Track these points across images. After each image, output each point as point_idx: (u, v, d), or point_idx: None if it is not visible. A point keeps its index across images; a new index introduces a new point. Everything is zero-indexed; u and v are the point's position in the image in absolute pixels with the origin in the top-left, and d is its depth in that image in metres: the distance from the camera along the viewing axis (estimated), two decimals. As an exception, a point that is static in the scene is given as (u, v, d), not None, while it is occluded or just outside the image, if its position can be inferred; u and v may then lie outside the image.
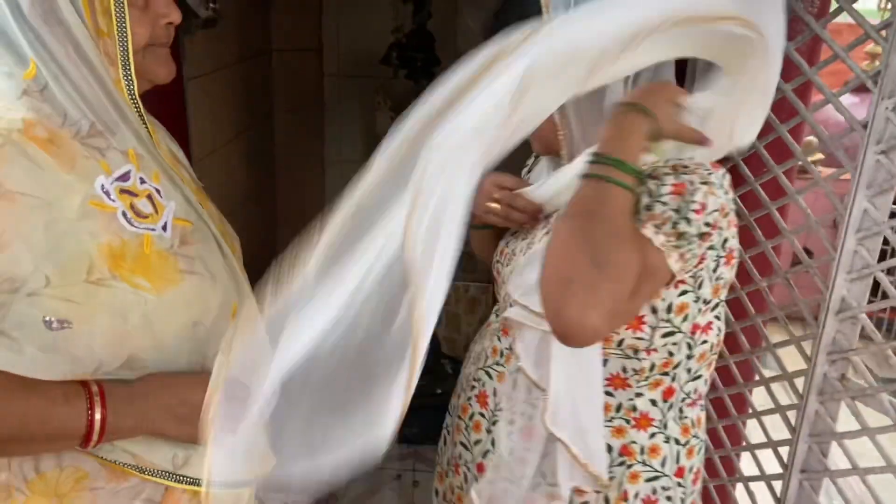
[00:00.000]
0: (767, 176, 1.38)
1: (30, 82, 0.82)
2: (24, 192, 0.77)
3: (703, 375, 1.10)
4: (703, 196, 0.94)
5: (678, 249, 0.93)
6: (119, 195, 0.86)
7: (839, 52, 1.20)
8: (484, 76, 0.79)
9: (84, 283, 0.82)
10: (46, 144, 0.80)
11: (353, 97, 3.26)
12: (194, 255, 0.92)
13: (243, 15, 2.65)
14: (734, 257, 1.02)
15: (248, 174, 2.85)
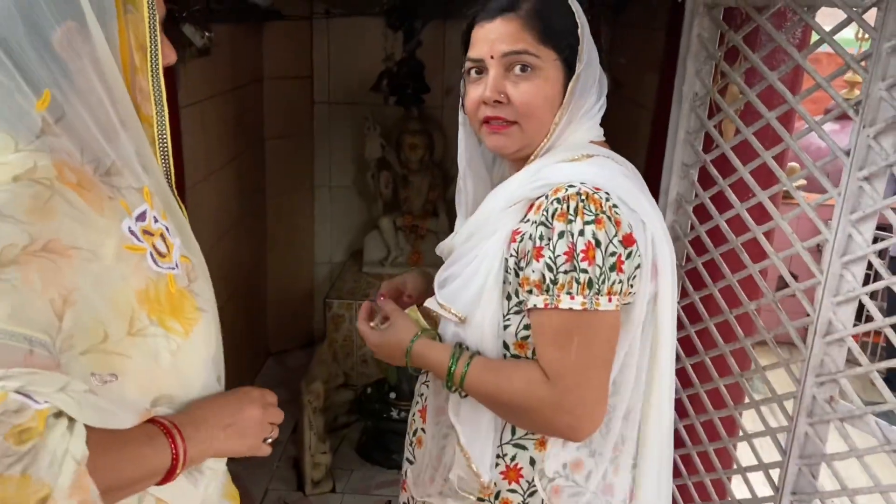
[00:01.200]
0: (753, 201, 1.41)
1: (44, 113, 0.80)
2: (77, 247, 0.77)
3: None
4: (590, 237, 0.95)
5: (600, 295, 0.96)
6: (143, 235, 0.86)
7: (822, 82, 1.24)
8: None
9: (127, 336, 0.82)
10: (78, 189, 0.79)
11: (343, 124, 3.29)
12: (199, 292, 0.93)
13: (236, 44, 2.68)
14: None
15: (239, 199, 2.86)
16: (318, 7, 3.12)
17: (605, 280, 0.96)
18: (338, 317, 3.03)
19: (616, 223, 0.97)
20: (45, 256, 0.74)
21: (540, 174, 1.04)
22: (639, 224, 1.00)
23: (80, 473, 0.71)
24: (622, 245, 0.97)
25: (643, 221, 1.00)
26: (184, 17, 1.89)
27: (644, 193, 1.07)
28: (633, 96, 2.39)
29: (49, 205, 0.75)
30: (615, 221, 0.97)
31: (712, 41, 1.51)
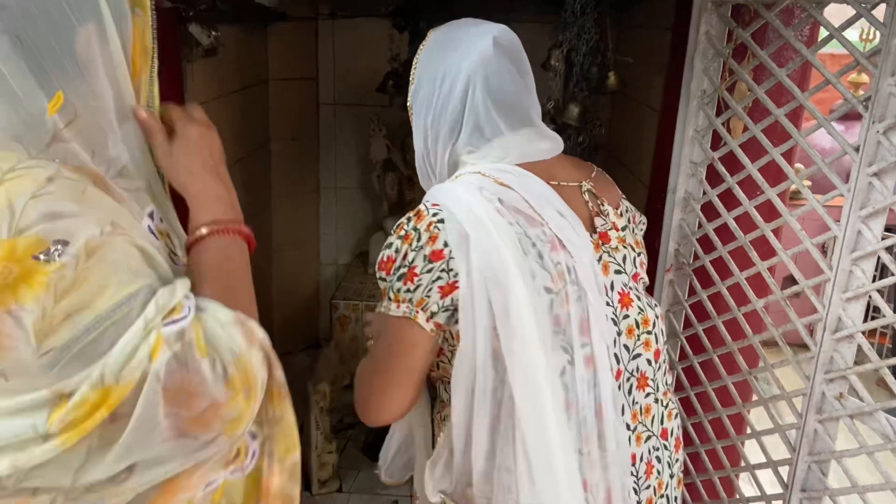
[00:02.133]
0: (762, 198, 1.40)
1: (56, 117, 0.77)
2: (128, 226, 0.77)
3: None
4: (393, 251, 1.05)
5: (391, 301, 1.05)
6: (160, 235, 0.87)
7: (831, 78, 1.24)
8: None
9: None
10: (97, 185, 0.78)
11: (348, 125, 3.30)
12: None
13: (242, 45, 2.69)
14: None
15: (244, 200, 2.84)
16: (323, 8, 3.13)
17: (393, 288, 1.05)
18: (344, 318, 3.03)
19: (431, 239, 1.02)
20: (118, 234, 0.75)
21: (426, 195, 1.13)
22: (462, 241, 1.01)
23: (240, 326, 0.79)
24: (427, 259, 1.02)
25: (468, 236, 1.01)
26: (190, 16, 1.90)
27: (500, 216, 1.04)
28: (640, 96, 2.39)
29: (87, 194, 0.75)
30: (431, 237, 1.03)
31: (720, 38, 1.51)
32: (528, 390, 1.00)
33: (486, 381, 1.03)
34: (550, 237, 1.05)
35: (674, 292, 1.71)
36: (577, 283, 1.06)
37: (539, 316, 1.02)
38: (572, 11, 2.05)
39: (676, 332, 1.71)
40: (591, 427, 1.05)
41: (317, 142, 3.33)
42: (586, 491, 1.05)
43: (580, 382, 1.04)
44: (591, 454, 1.05)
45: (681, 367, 1.70)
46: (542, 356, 1.01)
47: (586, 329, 1.05)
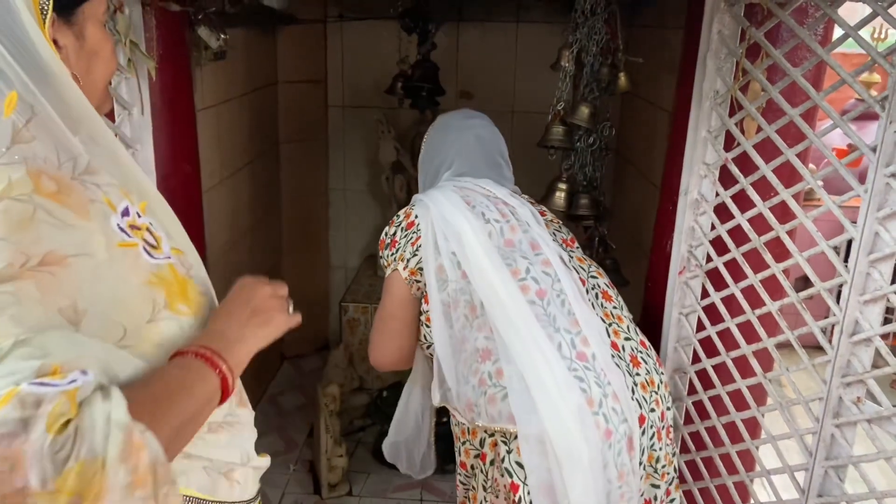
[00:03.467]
0: (776, 199, 1.39)
1: (13, 117, 0.76)
2: (72, 254, 0.75)
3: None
4: (383, 235, 1.58)
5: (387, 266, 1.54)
6: (132, 231, 0.85)
7: (846, 77, 1.22)
8: None
9: (146, 324, 0.82)
10: (58, 196, 0.77)
11: (357, 127, 3.29)
12: (197, 280, 0.94)
13: (251, 48, 2.69)
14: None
15: (254, 203, 2.86)
16: (332, 11, 3.13)
17: (384, 258, 1.55)
18: (353, 321, 3.02)
19: (406, 215, 1.55)
20: (44, 270, 0.72)
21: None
22: (425, 210, 1.50)
23: (128, 436, 0.66)
24: (403, 229, 1.53)
25: (429, 206, 1.50)
26: (199, 19, 1.90)
27: (453, 192, 1.53)
28: (651, 97, 2.37)
29: (35, 219, 0.73)
30: (406, 215, 1.56)
31: (733, 38, 1.50)
32: (487, 289, 1.39)
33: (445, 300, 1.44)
34: (493, 199, 1.55)
35: (687, 295, 1.69)
36: (519, 218, 1.52)
37: (493, 240, 1.46)
38: (582, 12, 2.04)
39: (689, 336, 1.70)
40: (564, 308, 1.41)
41: (326, 144, 3.32)
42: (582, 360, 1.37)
43: (542, 277, 1.43)
44: (571, 330, 1.39)
45: (694, 370, 1.68)
46: (490, 264, 1.40)
47: (537, 246, 1.49)
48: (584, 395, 1.32)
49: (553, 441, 1.27)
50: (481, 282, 1.40)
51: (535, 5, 2.97)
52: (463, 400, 1.40)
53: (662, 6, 2.27)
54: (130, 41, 1.47)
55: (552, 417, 1.28)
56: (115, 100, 1.51)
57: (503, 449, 1.35)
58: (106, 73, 0.93)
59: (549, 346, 1.35)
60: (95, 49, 0.89)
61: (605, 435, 1.31)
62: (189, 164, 1.88)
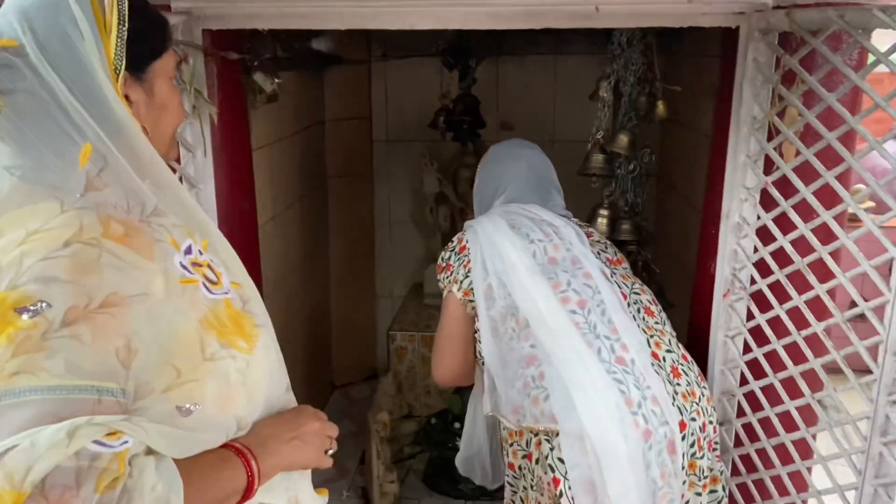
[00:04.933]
0: (817, 221, 1.41)
1: (88, 167, 0.85)
2: (132, 294, 0.81)
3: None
4: (440, 261, 1.74)
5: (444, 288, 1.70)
6: (194, 268, 0.91)
7: (880, 101, 1.25)
8: None
9: (203, 362, 0.87)
10: (125, 239, 0.83)
11: (401, 161, 3.39)
12: (255, 311, 1.00)
13: (300, 89, 2.82)
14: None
15: (303, 237, 2.97)
16: (375, 51, 3.25)
17: (441, 281, 1.70)
18: (401, 349, 3.08)
19: (459, 240, 1.71)
20: (104, 311, 0.78)
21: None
22: (475, 235, 1.65)
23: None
24: (456, 254, 1.68)
25: (477, 231, 1.65)
26: (255, 65, 2.01)
27: (500, 217, 1.69)
28: (690, 123, 2.41)
29: (100, 262, 0.79)
30: (458, 240, 1.71)
31: (768, 65, 1.54)
32: (529, 303, 1.52)
33: (494, 317, 1.56)
34: (538, 221, 1.68)
35: (732, 317, 1.71)
36: (562, 237, 1.65)
37: (537, 259, 1.59)
38: (619, 44, 2.10)
39: (736, 358, 1.71)
40: (604, 317, 1.51)
41: (371, 178, 3.43)
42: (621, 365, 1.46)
43: (583, 288, 1.55)
44: (610, 337, 1.49)
45: (742, 393, 1.69)
46: (531, 282, 1.53)
47: (578, 261, 1.61)
48: (622, 396, 1.41)
49: (592, 438, 1.36)
50: (523, 297, 1.53)
51: (573, 39, 3.04)
52: (509, 404, 1.49)
53: (699, 36, 2.32)
54: (195, 89, 1.58)
55: (590, 415, 1.37)
56: (181, 143, 1.62)
57: (546, 447, 1.43)
58: (173, 123, 1.01)
59: (588, 350, 1.46)
60: (164, 103, 0.96)
61: (645, 435, 1.39)
62: (247, 200, 1.99)
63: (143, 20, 0.91)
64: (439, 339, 1.71)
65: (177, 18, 1.54)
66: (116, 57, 0.87)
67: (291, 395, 1.07)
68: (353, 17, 1.62)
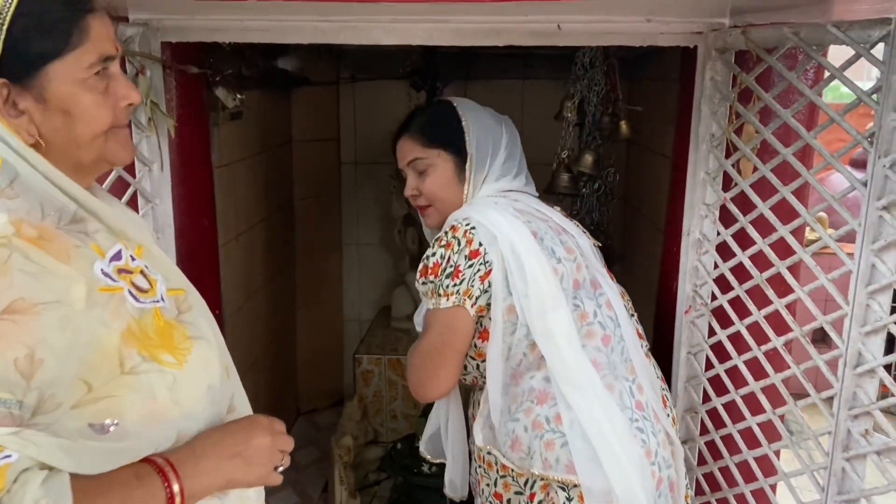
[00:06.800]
0: (775, 236, 1.42)
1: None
2: (42, 302, 0.77)
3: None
4: (438, 258, 1.43)
5: (440, 297, 1.41)
6: (118, 275, 0.87)
7: (835, 116, 1.26)
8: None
9: (120, 375, 0.82)
10: (39, 241, 0.80)
11: (369, 183, 3.38)
12: (191, 321, 0.94)
13: (266, 108, 2.80)
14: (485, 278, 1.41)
15: (269, 258, 2.92)
16: (344, 72, 3.25)
17: (442, 286, 1.40)
18: (367, 372, 3.04)
19: (468, 242, 1.41)
20: (6, 318, 0.74)
21: (450, 217, 1.52)
22: (492, 240, 1.40)
23: None
24: (466, 258, 1.40)
25: (496, 236, 1.40)
26: (217, 80, 1.99)
27: (515, 217, 1.44)
28: (652, 144, 2.43)
29: (7, 265, 0.76)
30: (467, 241, 1.41)
31: (725, 84, 1.56)
32: (547, 339, 1.35)
33: (507, 347, 1.39)
34: (555, 227, 1.50)
35: (694, 333, 1.71)
36: (584, 254, 1.49)
37: (563, 283, 1.40)
38: (582, 65, 2.12)
39: (698, 374, 1.71)
40: (623, 355, 1.42)
41: (339, 200, 3.41)
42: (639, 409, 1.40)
43: (607, 322, 1.43)
44: (629, 378, 1.41)
45: (704, 409, 1.68)
46: (554, 311, 1.36)
47: (597, 284, 1.47)
48: (643, 447, 1.36)
49: (618, 496, 1.30)
50: (542, 332, 1.36)
51: (539, 63, 3.08)
52: (508, 437, 1.37)
53: (660, 59, 2.35)
54: (151, 101, 1.55)
55: (617, 473, 1.30)
56: (136, 156, 1.58)
57: (562, 496, 1.35)
58: (88, 128, 0.89)
59: (609, 396, 1.36)
60: (65, 108, 0.87)
61: (657, 483, 1.37)
62: (207, 218, 1.95)
63: (32, 19, 0.84)
64: (437, 354, 1.43)
65: (134, 30, 1.52)
66: None
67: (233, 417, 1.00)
68: (315, 32, 1.61)
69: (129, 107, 0.94)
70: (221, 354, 0.99)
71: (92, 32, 0.88)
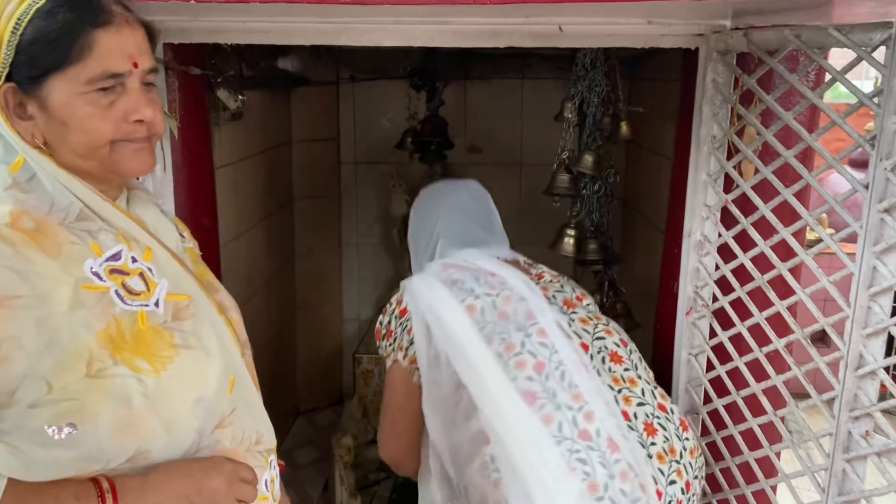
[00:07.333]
0: (776, 238, 1.42)
1: (16, 174, 0.86)
2: (18, 295, 0.78)
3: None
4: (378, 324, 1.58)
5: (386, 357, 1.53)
6: (109, 275, 0.87)
7: (836, 119, 1.27)
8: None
9: (85, 378, 0.82)
10: (33, 234, 0.82)
11: (369, 182, 3.38)
12: (188, 330, 0.93)
13: (266, 109, 2.80)
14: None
15: (269, 258, 2.92)
16: (343, 73, 3.25)
17: (383, 349, 1.54)
18: (367, 372, 3.04)
19: (398, 303, 1.53)
20: None
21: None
22: (415, 302, 1.46)
23: None
24: (397, 318, 1.51)
25: (417, 294, 1.46)
26: (218, 82, 1.99)
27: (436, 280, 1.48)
28: (653, 145, 2.44)
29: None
30: (398, 302, 1.53)
31: (727, 85, 1.56)
32: (471, 373, 1.34)
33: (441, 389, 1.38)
34: (484, 272, 1.51)
35: (695, 335, 1.72)
36: (511, 289, 1.47)
37: (486, 315, 1.43)
38: (583, 66, 2.12)
39: (699, 376, 1.71)
40: (564, 381, 1.35)
41: (339, 199, 3.41)
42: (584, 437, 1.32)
43: (539, 349, 1.39)
44: (573, 406, 1.34)
45: (706, 411, 1.69)
46: (475, 353, 1.35)
47: (532, 315, 1.43)
48: (586, 481, 1.27)
49: None
50: (467, 370, 1.35)
51: (540, 63, 3.08)
52: (473, 489, 1.33)
53: (661, 60, 2.36)
54: (154, 102, 1.55)
55: None
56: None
57: None
58: (81, 141, 0.89)
59: (544, 430, 1.30)
60: (63, 119, 0.88)
61: None
62: (208, 218, 1.95)
63: (39, 31, 0.85)
64: (385, 415, 1.51)
65: (136, 31, 1.52)
66: (2, 69, 0.86)
67: (217, 438, 0.97)
68: (317, 34, 1.61)
69: (140, 122, 0.92)
70: (227, 368, 0.98)
71: (98, 48, 0.87)
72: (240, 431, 1.01)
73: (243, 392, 1.03)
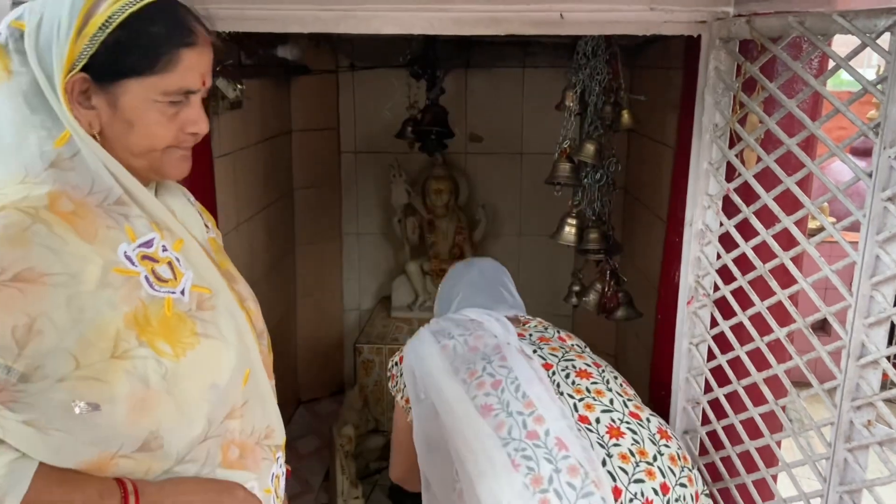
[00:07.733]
0: (779, 227, 1.41)
1: (61, 149, 0.88)
2: (51, 272, 0.81)
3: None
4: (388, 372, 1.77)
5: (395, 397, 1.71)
6: (141, 261, 0.91)
7: (840, 106, 1.26)
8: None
9: (110, 359, 0.85)
10: (70, 217, 0.85)
11: (369, 172, 3.37)
12: (209, 320, 0.97)
13: (266, 98, 2.78)
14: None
15: (269, 248, 2.92)
16: (343, 61, 3.23)
17: (390, 388, 1.73)
18: (368, 362, 3.04)
19: (400, 358, 1.70)
20: (13, 285, 0.78)
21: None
22: (406, 349, 1.66)
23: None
24: (397, 365, 1.71)
25: (407, 346, 1.66)
26: (217, 71, 1.97)
27: (426, 330, 1.68)
28: (655, 134, 2.42)
29: (26, 234, 0.80)
30: (400, 357, 1.70)
31: (729, 73, 1.55)
32: (445, 406, 1.47)
33: (423, 422, 1.52)
34: (468, 320, 1.68)
35: (696, 324, 1.71)
36: (487, 329, 1.63)
37: (458, 351, 1.58)
38: (584, 54, 2.10)
39: (700, 365, 1.71)
40: (518, 392, 1.44)
41: (339, 189, 3.40)
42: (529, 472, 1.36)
43: (498, 370, 1.49)
44: (524, 412, 1.41)
45: (707, 400, 1.68)
46: (441, 378, 1.51)
47: (499, 348, 1.56)
48: (529, 475, 1.32)
49: None
50: (438, 399, 1.51)
51: (540, 51, 3.06)
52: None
53: (663, 47, 2.34)
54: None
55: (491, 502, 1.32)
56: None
57: None
58: (142, 144, 0.94)
59: (493, 435, 1.38)
60: (130, 120, 0.92)
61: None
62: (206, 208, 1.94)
63: (130, 35, 0.89)
64: (393, 445, 1.78)
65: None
66: (79, 58, 0.88)
67: (228, 427, 1.00)
68: (315, 22, 1.59)
69: (195, 134, 0.98)
70: (242, 360, 1.01)
71: (181, 66, 0.92)
72: (250, 424, 1.05)
73: (257, 386, 1.07)
